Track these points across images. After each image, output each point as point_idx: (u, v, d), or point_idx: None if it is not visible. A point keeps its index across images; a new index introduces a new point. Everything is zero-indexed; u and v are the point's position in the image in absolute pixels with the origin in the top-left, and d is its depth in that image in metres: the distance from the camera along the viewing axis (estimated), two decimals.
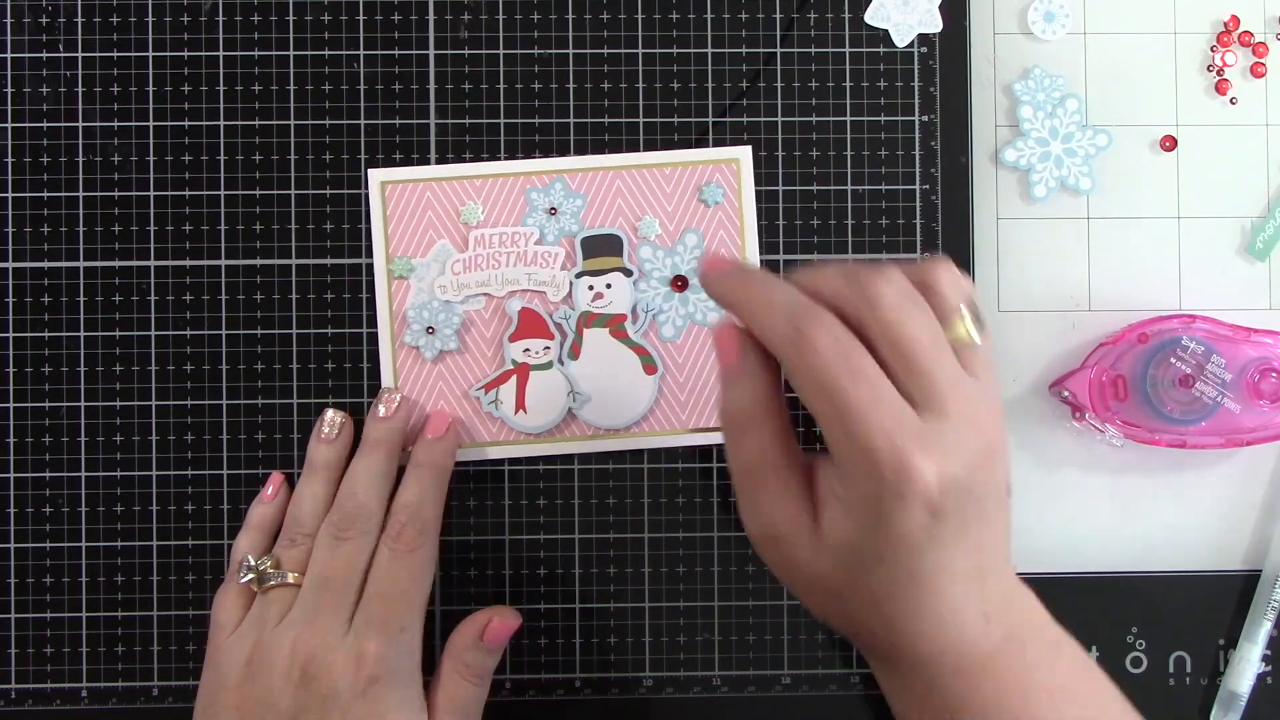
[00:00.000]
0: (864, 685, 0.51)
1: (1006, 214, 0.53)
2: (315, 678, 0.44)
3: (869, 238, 0.52)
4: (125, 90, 0.52)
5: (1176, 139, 0.53)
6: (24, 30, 0.52)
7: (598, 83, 0.52)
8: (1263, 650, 0.51)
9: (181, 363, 0.51)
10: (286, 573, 0.47)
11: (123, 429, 0.51)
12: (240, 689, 0.45)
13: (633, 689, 0.51)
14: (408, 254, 0.51)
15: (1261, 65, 0.53)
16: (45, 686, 0.51)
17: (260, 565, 0.47)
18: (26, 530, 0.51)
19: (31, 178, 0.51)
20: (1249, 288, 0.53)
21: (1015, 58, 0.53)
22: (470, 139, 0.52)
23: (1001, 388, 0.53)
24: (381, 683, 0.44)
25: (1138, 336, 0.51)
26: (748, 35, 0.52)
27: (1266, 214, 0.53)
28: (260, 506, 0.50)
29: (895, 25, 0.52)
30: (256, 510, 0.50)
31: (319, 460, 0.49)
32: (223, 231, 0.52)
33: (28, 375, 0.51)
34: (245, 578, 0.47)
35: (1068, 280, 0.53)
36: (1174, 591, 0.52)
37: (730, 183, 0.52)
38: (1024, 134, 0.53)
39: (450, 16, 0.52)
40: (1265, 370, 0.50)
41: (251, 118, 0.52)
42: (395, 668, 0.45)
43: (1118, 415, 0.50)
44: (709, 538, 0.52)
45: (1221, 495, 0.53)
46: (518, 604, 0.51)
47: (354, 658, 0.44)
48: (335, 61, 0.52)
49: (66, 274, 0.51)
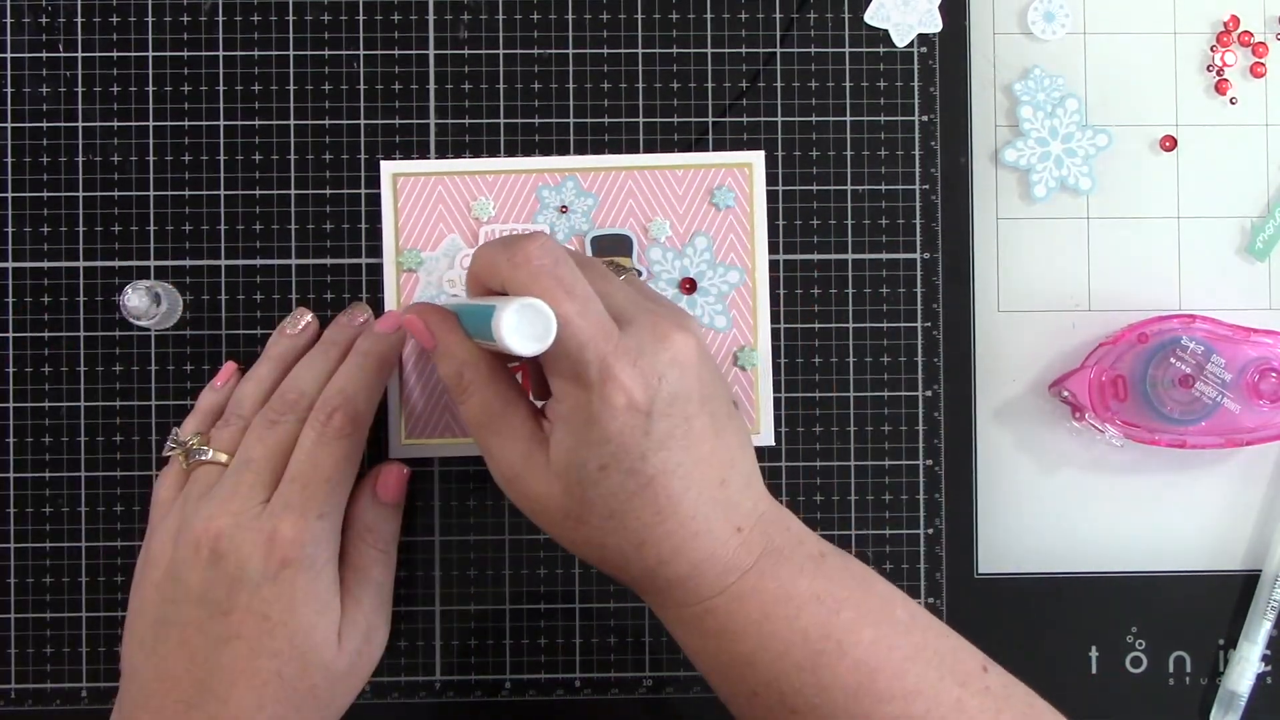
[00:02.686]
0: None
1: (1006, 214, 0.53)
2: (224, 556, 0.43)
3: (869, 238, 0.52)
4: (125, 90, 0.52)
5: (1176, 139, 0.53)
6: (24, 30, 0.52)
7: (597, 83, 0.52)
8: (1263, 650, 0.51)
9: (182, 363, 0.51)
10: (214, 451, 0.46)
11: (122, 429, 0.51)
12: (161, 566, 0.45)
13: (633, 689, 0.51)
14: (417, 247, 0.51)
15: (1261, 65, 0.53)
16: (45, 686, 0.51)
17: (188, 441, 0.47)
18: (26, 530, 0.51)
19: (31, 178, 0.51)
20: (1249, 288, 0.53)
21: (1015, 58, 0.53)
22: (470, 139, 0.52)
23: (1001, 387, 0.53)
24: (294, 567, 0.43)
25: (1138, 336, 0.51)
26: (748, 35, 0.52)
27: (1266, 214, 0.53)
28: (209, 393, 0.49)
29: (895, 25, 0.52)
30: (206, 396, 0.49)
31: (275, 351, 0.49)
32: (223, 231, 0.52)
33: (28, 375, 0.51)
34: (172, 451, 0.47)
35: (1068, 280, 0.53)
36: (1174, 591, 0.52)
37: (742, 187, 0.52)
38: (1024, 134, 0.53)
39: (450, 16, 0.52)
40: (1265, 370, 0.50)
41: (251, 118, 0.52)
42: (310, 554, 0.44)
43: (1118, 415, 0.50)
44: None
45: (1221, 495, 0.53)
46: (517, 604, 0.51)
47: (265, 539, 0.43)
48: (335, 61, 0.52)
49: (66, 274, 0.51)
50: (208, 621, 0.43)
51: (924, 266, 0.52)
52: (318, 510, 0.44)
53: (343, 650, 0.45)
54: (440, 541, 0.51)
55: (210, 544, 0.44)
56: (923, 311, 0.52)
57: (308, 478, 0.45)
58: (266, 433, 0.46)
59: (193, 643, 0.43)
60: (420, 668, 0.51)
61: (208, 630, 0.43)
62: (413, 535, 0.51)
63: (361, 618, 0.46)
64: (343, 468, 0.46)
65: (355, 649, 0.46)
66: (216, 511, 0.44)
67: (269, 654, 0.43)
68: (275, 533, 0.43)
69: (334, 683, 0.45)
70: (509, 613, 0.51)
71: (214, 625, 0.43)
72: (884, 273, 0.52)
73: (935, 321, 0.52)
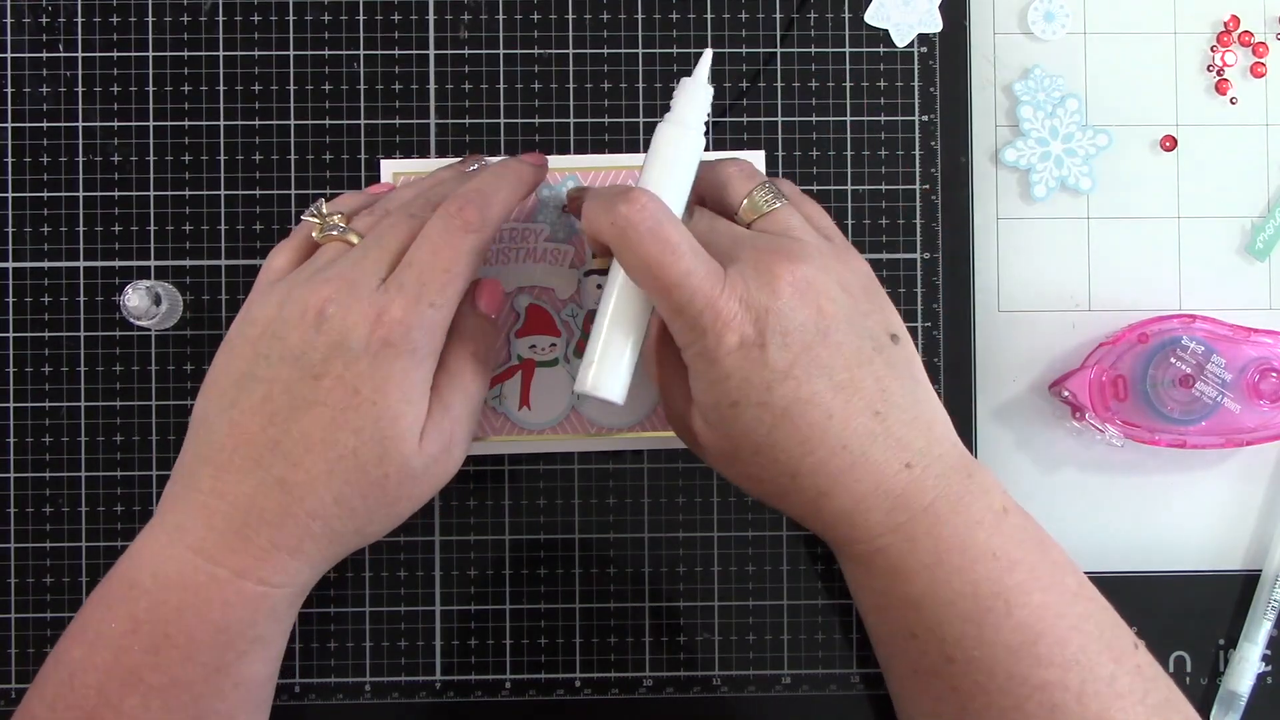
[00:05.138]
0: (864, 685, 0.52)
1: (1006, 214, 0.53)
2: (329, 320, 0.41)
3: (869, 237, 0.52)
4: (125, 90, 0.52)
5: (1176, 139, 0.53)
6: (24, 30, 0.52)
7: (598, 83, 0.52)
8: (1263, 650, 0.51)
9: (182, 363, 0.51)
10: (349, 230, 0.45)
11: (123, 429, 0.51)
12: (260, 324, 0.43)
13: (633, 689, 0.51)
14: None
15: (1261, 65, 0.53)
16: None
17: (328, 214, 0.45)
18: (26, 530, 0.51)
19: (31, 178, 0.51)
20: (1249, 288, 0.53)
21: (1015, 58, 0.53)
22: (470, 139, 0.52)
23: (1002, 387, 0.53)
24: (395, 348, 0.42)
25: (1138, 336, 0.51)
26: (748, 35, 0.52)
27: (1266, 214, 0.53)
28: (362, 194, 0.48)
29: (895, 25, 0.52)
30: (358, 195, 0.48)
31: (441, 174, 0.48)
32: (223, 231, 0.52)
33: (28, 375, 0.51)
34: (311, 218, 0.45)
35: (1068, 280, 0.53)
36: (1174, 591, 0.52)
37: None
38: (1024, 134, 0.53)
39: (450, 16, 0.52)
40: (1265, 370, 0.50)
41: (251, 118, 0.52)
42: (414, 339, 0.42)
43: (1118, 415, 0.50)
44: (709, 538, 0.52)
45: (1221, 495, 0.53)
46: (518, 604, 0.51)
47: (374, 314, 0.41)
48: (335, 61, 0.52)
49: (66, 274, 0.51)
50: (297, 383, 0.42)
51: (924, 266, 0.52)
52: (430, 299, 0.42)
53: (422, 449, 0.43)
54: (440, 541, 0.51)
55: (318, 306, 0.42)
56: (923, 311, 0.52)
57: (426, 264, 0.42)
58: (401, 222, 0.44)
59: (276, 401, 0.42)
60: (420, 668, 0.51)
61: (294, 391, 0.42)
62: (413, 535, 0.51)
63: (447, 423, 0.44)
64: (464, 263, 0.43)
65: (433, 454, 0.43)
66: (334, 276, 0.42)
67: (351, 429, 0.42)
68: (385, 310, 0.41)
69: (404, 480, 0.43)
70: (509, 613, 0.51)
71: (302, 387, 0.42)
72: (884, 272, 0.52)
73: (935, 321, 0.52)
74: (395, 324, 0.41)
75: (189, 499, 0.42)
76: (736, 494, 0.52)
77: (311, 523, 0.42)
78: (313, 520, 0.42)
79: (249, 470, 0.42)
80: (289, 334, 0.42)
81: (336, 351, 0.41)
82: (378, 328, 0.41)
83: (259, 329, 0.43)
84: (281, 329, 0.42)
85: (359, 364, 0.41)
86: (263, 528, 0.42)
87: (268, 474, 0.41)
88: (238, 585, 0.41)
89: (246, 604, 0.42)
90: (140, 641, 0.41)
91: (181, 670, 0.41)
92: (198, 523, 0.42)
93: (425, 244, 0.43)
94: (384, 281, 0.42)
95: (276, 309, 0.43)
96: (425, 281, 0.42)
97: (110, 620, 0.41)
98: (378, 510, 0.43)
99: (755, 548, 0.52)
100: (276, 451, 0.42)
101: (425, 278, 0.42)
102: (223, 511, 0.42)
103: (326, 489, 0.42)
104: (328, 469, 0.42)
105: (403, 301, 0.42)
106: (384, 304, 0.42)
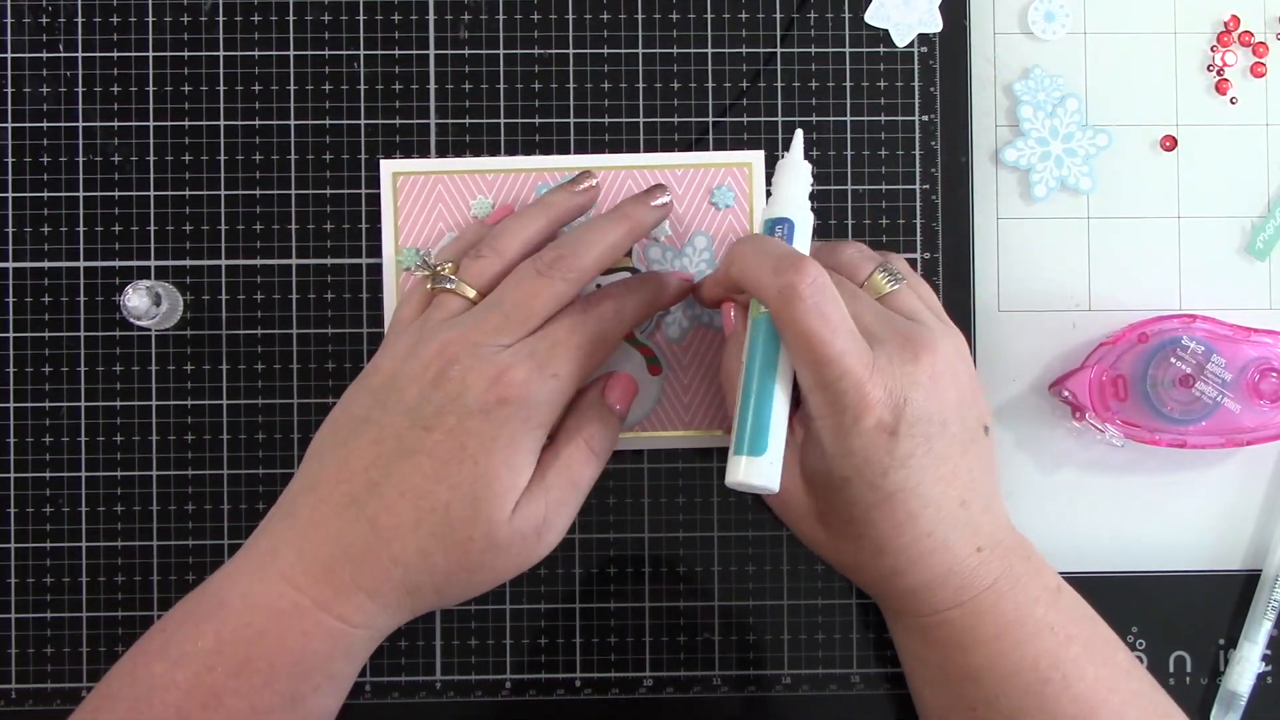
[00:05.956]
0: (864, 685, 0.52)
1: (1006, 214, 0.53)
2: (448, 378, 0.42)
3: (869, 238, 0.52)
4: (125, 90, 0.52)
5: (1176, 139, 0.53)
6: (24, 30, 0.52)
7: (598, 83, 0.52)
8: (1263, 650, 0.51)
9: (182, 362, 0.51)
10: (460, 282, 0.45)
11: (123, 429, 0.51)
12: (384, 373, 0.44)
13: (633, 689, 0.51)
14: (417, 245, 0.51)
15: (1261, 65, 0.53)
16: (45, 686, 0.51)
17: (437, 265, 0.46)
18: (26, 530, 0.51)
19: (31, 178, 0.51)
20: (1249, 288, 0.53)
21: (1015, 57, 0.53)
22: (470, 139, 0.52)
23: (1001, 387, 0.53)
24: (509, 408, 0.42)
25: (1138, 336, 0.51)
26: (748, 35, 0.52)
27: (1266, 214, 0.53)
28: (477, 227, 0.49)
29: (895, 25, 0.52)
30: (473, 229, 0.49)
31: (551, 199, 0.48)
32: (223, 231, 0.52)
33: (28, 375, 0.51)
34: (418, 269, 0.46)
35: (1068, 280, 0.53)
36: (1174, 591, 0.52)
37: (742, 187, 0.52)
38: (1024, 134, 0.53)
39: (450, 16, 0.52)
40: (1265, 370, 0.50)
41: (251, 118, 0.52)
42: (532, 404, 0.42)
43: (1118, 415, 0.50)
44: (709, 538, 0.52)
45: (1221, 495, 0.53)
46: (517, 604, 0.51)
47: (495, 373, 0.42)
48: (335, 61, 0.52)
49: (66, 274, 0.51)
50: (407, 431, 0.43)
51: (924, 266, 0.52)
52: (554, 369, 0.43)
53: (512, 521, 0.43)
54: None
55: (440, 365, 0.43)
56: None
57: (558, 339, 0.43)
58: (529, 281, 0.44)
59: (384, 445, 0.43)
60: (420, 668, 0.51)
61: (403, 439, 0.43)
62: None
63: (543, 503, 0.44)
64: (595, 348, 0.44)
65: (522, 530, 0.43)
66: (457, 338, 0.43)
67: (448, 484, 0.42)
68: (507, 372, 0.42)
69: (488, 549, 0.43)
70: (509, 613, 0.51)
71: (411, 436, 0.42)
72: None
73: None
74: (515, 385, 0.42)
75: (286, 526, 0.43)
76: (736, 494, 0.52)
77: (393, 568, 0.42)
78: (394, 566, 0.42)
79: (345, 505, 0.42)
80: (408, 387, 0.43)
81: (451, 406, 0.42)
82: (495, 386, 0.42)
83: (381, 378, 0.44)
84: (401, 381, 0.43)
85: (471, 421, 0.42)
86: (346, 563, 0.42)
87: (361, 512, 0.42)
88: (318, 617, 0.42)
89: (325, 638, 0.42)
90: (224, 662, 0.41)
91: (259, 697, 0.41)
92: (290, 549, 0.43)
93: (562, 323, 0.44)
94: (508, 347, 0.43)
95: (400, 362, 0.44)
96: (554, 353, 0.43)
97: (197, 637, 0.42)
98: (457, 573, 0.43)
99: (755, 548, 0.52)
100: (374, 492, 0.42)
101: (555, 350, 0.43)
102: (314, 541, 0.42)
103: (413, 537, 0.42)
104: (417, 518, 0.42)
105: (526, 366, 0.43)
106: (507, 365, 0.43)
